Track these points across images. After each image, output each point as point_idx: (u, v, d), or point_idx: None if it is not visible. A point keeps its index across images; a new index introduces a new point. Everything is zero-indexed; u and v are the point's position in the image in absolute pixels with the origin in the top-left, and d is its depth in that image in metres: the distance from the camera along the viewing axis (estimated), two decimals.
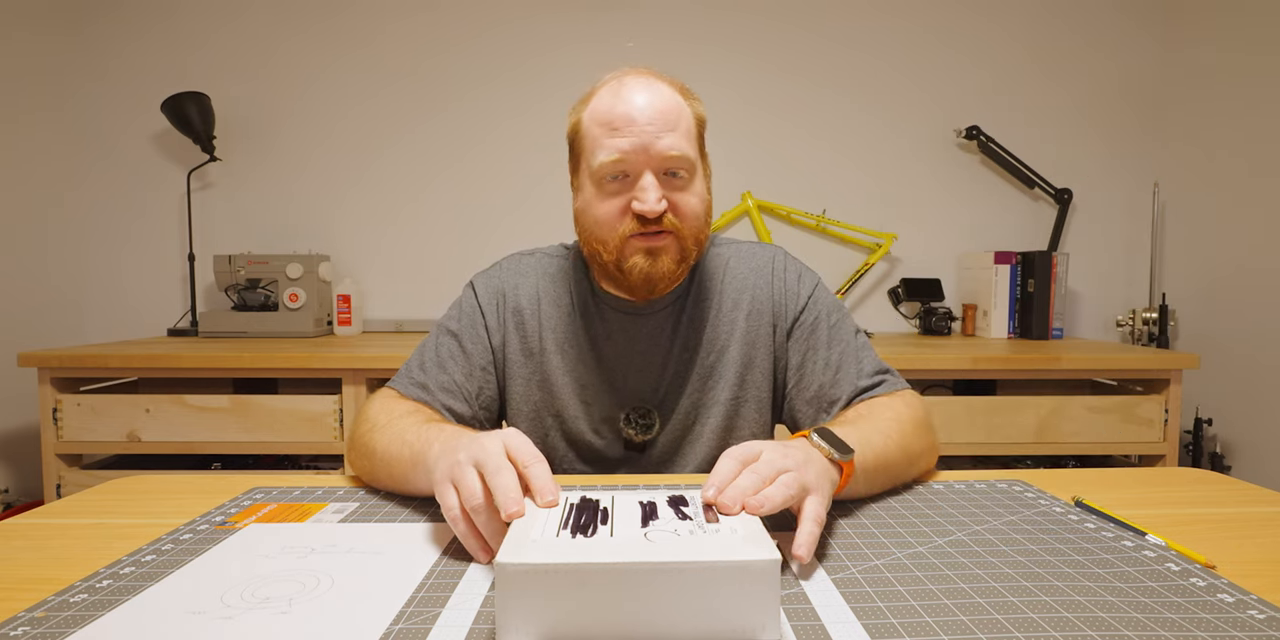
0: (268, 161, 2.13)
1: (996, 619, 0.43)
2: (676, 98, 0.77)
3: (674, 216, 0.76)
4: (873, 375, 0.82)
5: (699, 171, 0.79)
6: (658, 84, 0.77)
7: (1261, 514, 0.63)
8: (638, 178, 0.75)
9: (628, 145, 0.74)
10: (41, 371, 1.56)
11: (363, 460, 0.72)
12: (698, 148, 0.79)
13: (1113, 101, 2.13)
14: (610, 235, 0.77)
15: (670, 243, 0.77)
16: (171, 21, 2.09)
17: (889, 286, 2.15)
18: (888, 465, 0.67)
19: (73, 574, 0.50)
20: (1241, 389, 1.85)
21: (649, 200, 0.73)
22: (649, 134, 0.73)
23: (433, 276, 2.14)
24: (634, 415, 0.85)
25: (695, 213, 0.78)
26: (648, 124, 0.74)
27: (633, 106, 0.74)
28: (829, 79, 2.13)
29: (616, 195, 0.76)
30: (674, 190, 0.76)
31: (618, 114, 0.74)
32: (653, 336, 0.85)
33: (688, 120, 0.77)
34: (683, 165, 0.75)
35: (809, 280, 0.88)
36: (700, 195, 0.78)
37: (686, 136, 0.76)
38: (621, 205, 0.76)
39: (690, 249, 0.79)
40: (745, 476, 0.51)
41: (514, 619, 0.39)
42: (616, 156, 0.74)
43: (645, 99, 0.75)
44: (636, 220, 0.75)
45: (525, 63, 2.11)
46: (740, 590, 0.39)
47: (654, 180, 0.74)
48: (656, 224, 0.75)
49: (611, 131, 0.74)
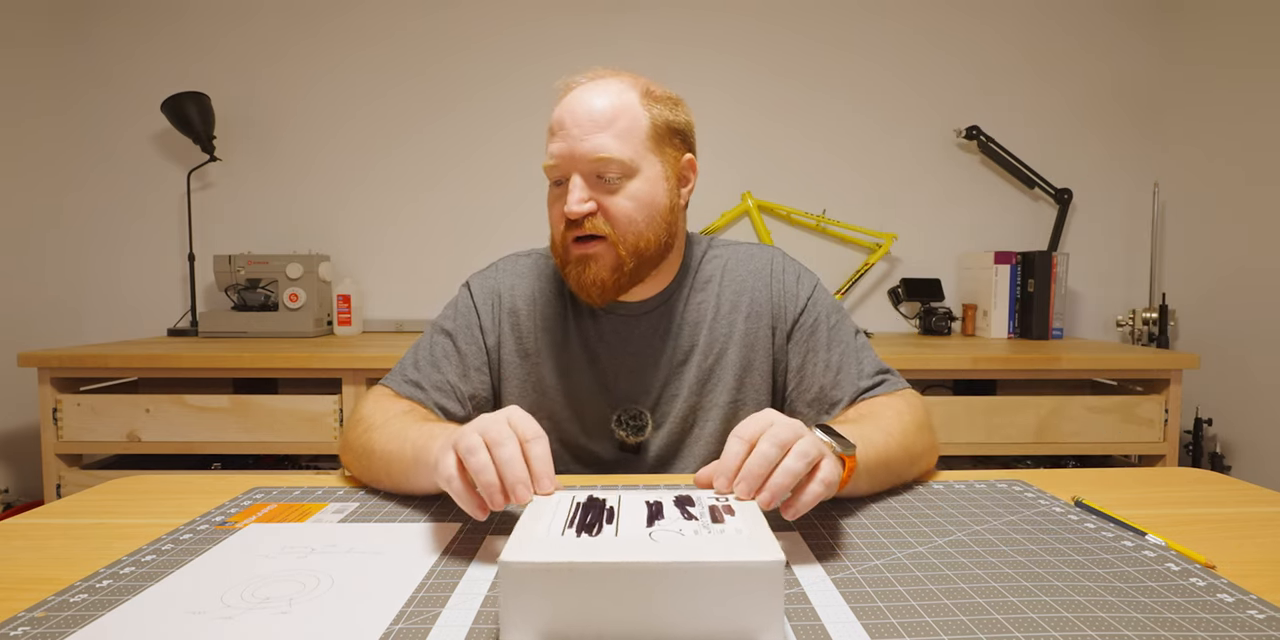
0: (268, 161, 2.13)
1: (996, 619, 0.43)
2: (623, 98, 0.76)
3: (604, 220, 0.75)
4: (873, 375, 0.82)
5: (640, 174, 0.76)
6: (610, 84, 0.77)
7: (1261, 514, 0.63)
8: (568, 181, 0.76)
9: (558, 149, 0.75)
10: (41, 371, 1.56)
11: (360, 460, 0.71)
12: (646, 149, 0.76)
13: (1112, 101, 2.13)
14: (558, 238, 0.79)
15: (602, 250, 0.76)
16: (172, 22, 2.09)
17: (889, 286, 2.15)
18: (889, 463, 0.67)
19: (73, 574, 0.50)
20: (1241, 389, 1.85)
21: (570, 202, 0.74)
22: (574, 137, 0.74)
23: (433, 277, 2.14)
24: (625, 417, 0.84)
25: (629, 217, 0.75)
26: (575, 127, 0.74)
27: (566, 110, 0.75)
28: (829, 80, 2.13)
29: (558, 199, 0.77)
30: (605, 193, 0.75)
31: (556, 118, 0.76)
32: (645, 338, 0.85)
33: (629, 121, 0.75)
34: (609, 167, 0.74)
35: (808, 281, 0.87)
36: (639, 199, 0.76)
37: (622, 137, 0.74)
38: (561, 208, 0.76)
39: (626, 257, 0.76)
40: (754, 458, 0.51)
41: (518, 617, 0.39)
42: (552, 161, 0.76)
43: (584, 101, 0.75)
44: (567, 223, 0.76)
45: (526, 65, 2.11)
46: (744, 591, 0.39)
47: (580, 182, 0.74)
48: (580, 228, 0.75)
49: (552, 136, 0.76)
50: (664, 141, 0.78)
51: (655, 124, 0.77)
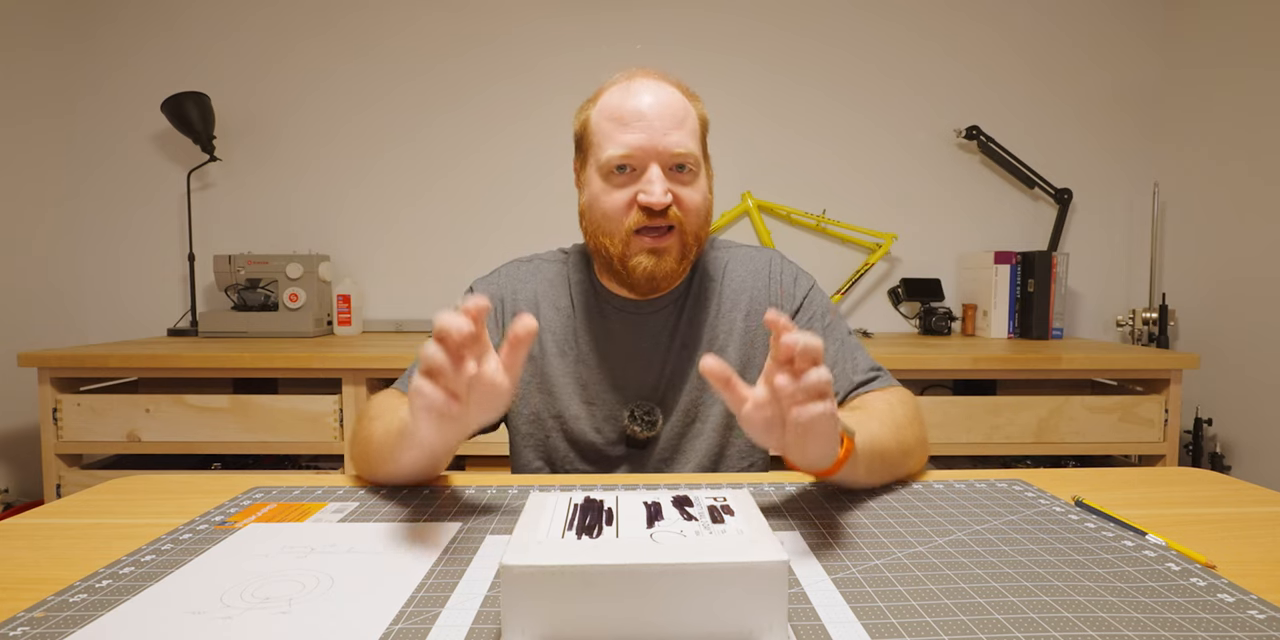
0: (268, 162, 2.13)
1: (996, 619, 0.43)
2: (682, 97, 0.80)
3: (679, 210, 0.78)
4: (866, 372, 0.84)
5: (703, 170, 0.82)
6: (664, 84, 0.81)
7: (1261, 514, 0.63)
8: (644, 171, 0.77)
9: (636, 140, 0.76)
10: (41, 371, 1.56)
11: (360, 449, 0.73)
12: (701, 147, 0.82)
13: (1112, 101, 2.13)
14: (617, 228, 0.79)
15: (674, 242, 0.80)
16: (172, 23, 2.09)
17: (889, 286, 2.15)
18: (884, 453, 0.67)
19: (72, 574, 0.50)
20: (1241, 389, 1.85)
21: (655, 192, 0.76)
22: (657, 130, 0.76)
23: (433, 277, 2.14)
24: (639, 412, 0.85)
25: (698, 208, 0.80)
26: (656, 119, 0.77)
27: (642, 103, 0.77)
28: (830, 80, 2.13)
29: (623, 187, 0.78)
30: (680, 185, 0.79)
31: (628, 109, 0.77)
32: (654, 335, 0.86)
33: (693, 120, 0.80)
34: (689, 161, 0.78)
35: (805, 282, 0.90)
36: (703, 193, 0.81)
37: (692, 135, 0.79)
38: (628, 198, 0.78)
39: (691, 246, 0.81)
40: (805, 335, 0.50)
41: (519, 621, 0.38)
42: (626, 151, 0.77)
43: (654, 96, 0.78)
44: (642, 212, 0.77)
45: (526, 65, 2.11)
46: (747, 591, 0.39)
47: (660, 173, 0.77)
48: (662, 217, 0.77)
49: (621, 126, 0.77)
50: (705, 140, 0.84)
51: (703, 123, 0.83)
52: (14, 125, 1.94)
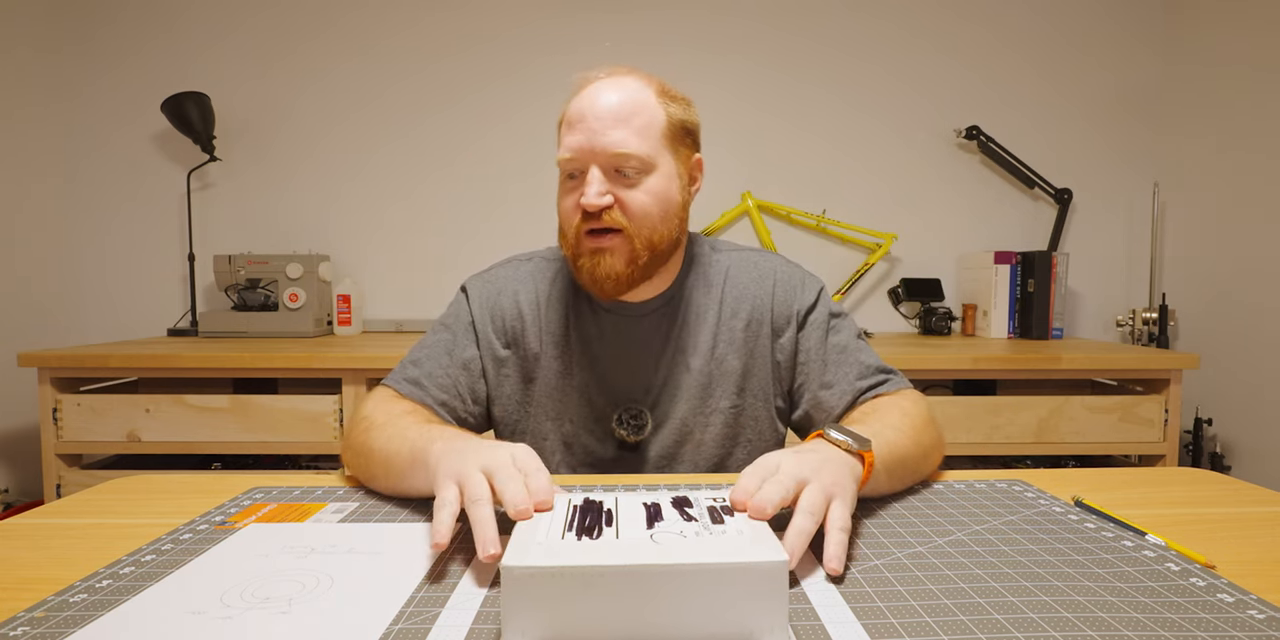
0: (268, 161, 2.13)
1: (996, 619, 0.43)
2: (641, 94, 0.77)
3: (621, 214, 0.76)
4: (876, 374, 0.83)
5: (658, 170, 0.77)
6: (627, 81, 0.78)
7: (1261, 514, 0.63)
8: (586, 173, 0.76)
9: (576, 141, 0.76)
10: (41, 371, 1.56)
11: (359, 459, 0.72)
12: (663, 146, 0.78)
13: (1113, 101, 2.13)
14: (569, 230, 0.79)
15: (618, 243, 0.77)
16: (172, 23, 2.09)
17: (889, 286, 2.15)
18: (905, 459, 0.67)
19: (72, 574, 0.50)
20: (1241, 389, 1.85)
21: (589, 194, 0.75)
22: (595, 131, 0.75)
23: (432, 276, 2.14)
24: (625, 416, 0.85)
25: (645, 211, 0.77)
26: (596, 120, 0.75)
27: (586, 103, 0.76)
28: (829, 79, 2.13)
29: (573, 191, 0.78)
30: (623, 187, 0.76)
31: (574, 111, 0.77)
32: (646, 339, 0.85)
33: (648, 117, 0.77)
34: (629, 162, 0.75)
35: (812, 286, 0.88)
36: (656, 194, 0.77)
37: (641, 133, 0.76)
38: (575, 200, 0.77)
39: (640, 251, 0.77)
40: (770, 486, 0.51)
41: (519, 622, 0.38)
42: (569, 154, 0.76)
43: (604, 96, 0.76)
44: (583, 215, 0.77)
45: (524, 65, 2.11)
46: (748, 592, 0.39)
47: (599, 175, 0.75)
48: (597, 220, 0.76)
49: (569, 128, 0.77)
50: (678, 140, 0.80)
51: (671, 122, 0.79)
52: (14, 125, 1.94)
